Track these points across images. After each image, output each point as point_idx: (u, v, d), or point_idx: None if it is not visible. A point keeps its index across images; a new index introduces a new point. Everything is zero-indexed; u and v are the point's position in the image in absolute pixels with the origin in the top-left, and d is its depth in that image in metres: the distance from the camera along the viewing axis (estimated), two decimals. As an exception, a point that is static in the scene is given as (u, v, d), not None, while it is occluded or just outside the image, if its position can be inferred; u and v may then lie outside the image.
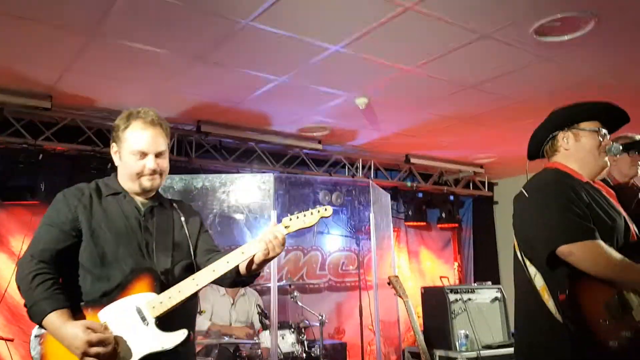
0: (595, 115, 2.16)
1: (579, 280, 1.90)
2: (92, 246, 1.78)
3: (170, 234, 1.94)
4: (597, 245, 1.87)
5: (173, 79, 4.05)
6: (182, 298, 1.76)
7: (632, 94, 4.33)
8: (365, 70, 3.94)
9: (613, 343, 1.82)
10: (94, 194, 1.88)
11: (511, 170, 7.39)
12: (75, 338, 1.59)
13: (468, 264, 7.76)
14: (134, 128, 1.91)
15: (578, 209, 1.93)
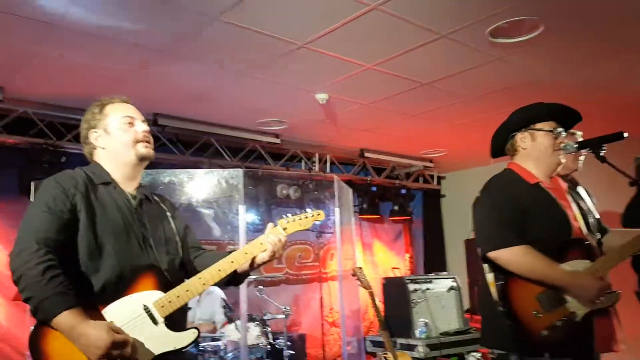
0: (549, 115, 2.32)
1: (512, 275, 2.10)
2: (90, 238, 1.69)
3: (162, 229, 1.90)
4: (519, 251, 2.07)
5: (131, 71, 3.97)
6: (190, 297, 1.74)
7: (578, 92, 4.63)
8: (328, 67, 4.01)
9: (544, 332, 2.01)
10: (87, 181, 1.78)
11: (458, 164, 7.71)
12: (99, 339, 1.51)
13: (418, 255, 8.02)
14: (113, 104, 1.92)
15: (509, 217, 2.13)
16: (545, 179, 2.29)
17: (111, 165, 1.88)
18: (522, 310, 2.07)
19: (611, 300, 2.06)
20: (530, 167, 2.30)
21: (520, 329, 2.05)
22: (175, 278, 1.82)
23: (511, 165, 2.36)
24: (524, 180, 2.26)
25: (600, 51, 3.85)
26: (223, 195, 4.07)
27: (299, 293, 6.40)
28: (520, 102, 2.50)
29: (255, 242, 1.85)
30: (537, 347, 2.03)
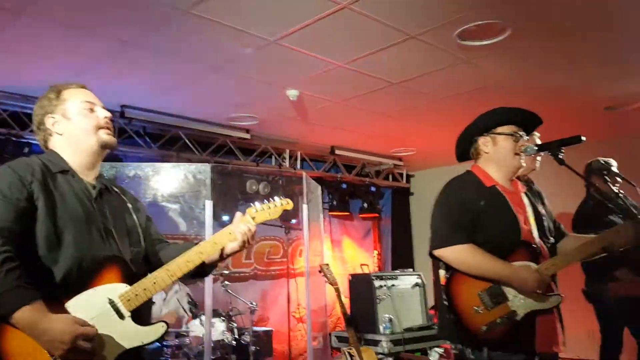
0: (510, 120, 2.39)
1: (456, 272, 2.19)
2: (49, 227, 1.60)
3: (123, 220, 1.83)
4: (463, 250, 2.16)
5: (98, 61, 3.89)
6: (157, 290, 1.68)
7: (541, 96, 4.76)
8: (299, 64, 4.02)
9: (483, 328, 2.09)
10: (44, 170, 1.69)
11: (427, 163, 7.83)
12: (63, 333, 1.44)
13: (387, 252, 8.12)
14: (70, 89, 1.84)
15: (455, 218, 2.22)
16: (505, 182, 2.36)
17: (69, 153, 1.79)
18: (463, 305, 2.15)
19: (554, 302, 2.14)
20: (492, 170, 2.37)
21: (461, 323, 2.13)
22: (139, 270, 1.75)
23: (473, 168, 2.44)
24: (481, 182, 2.33)
25: (563, 58, 3.97)
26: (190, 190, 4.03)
27: (267, 289, 6.40)
28: (487, 104, 2.56)
29: (224, 232, 1.80)
30: (476, 341, 2.10)
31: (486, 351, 2.07)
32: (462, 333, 2.13)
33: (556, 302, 2.15)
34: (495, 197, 2.30)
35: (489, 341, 2.09)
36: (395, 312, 3.94)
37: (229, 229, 1.81)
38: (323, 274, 3.66)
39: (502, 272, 2.12)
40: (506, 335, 2.09)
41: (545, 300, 2.13)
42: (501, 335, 2.09)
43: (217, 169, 4.74)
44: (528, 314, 2.11)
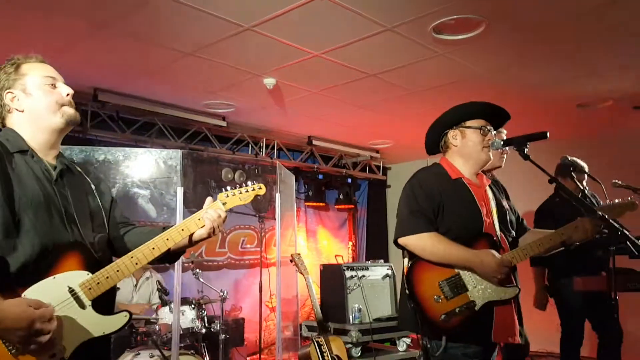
0: (479, 114, 2.42)
1: (418, 261, 2.23)
2: (6, 213, 1.51)
3: (86, 203, 1.75)
4: (426, 237, 2.20)
5: (70, 43, 3.81)
6: (121, 278, 1.63)
7: (516, 91, 4.83)
8: (275, 52, 3.99)
9: (442, 316, 2.13)
10: (2, 150, 1.59)
11: (403, 156, 7.88)
12: (17, 318, 1.37)
13: (361, 243, 8.18)
14: (30, 63, 1.75)
15: (419, 207, 2.25)
16: (471, 175, 2.40)
17: (29, 131, 1.69)
18: (424, 294, 2.19)
19: (512, 293, 2.19)
20: (459, 163, 2.41)
21: (421, 311, 2.17)
22: (103, 256, 1.70)
23: (441, 161, 2.47)
24: (446, 174, 2.37)
25: (535, 54, 4.02)
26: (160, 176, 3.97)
27: (240, 278, 6.40)
28: (461, 98, 2.58)
29: (193, 218, 1.74)
30: (436, 330, 2.15)
31: (444, 340, 2.11)
32: (422, 322, 2.17)
33: (514, 293, 2.20)
34: (460, 189, 2.34)
35: (447, 330, 2.13)
36: (365, 302, 3.98)
37: (198, 215, 1.75)
38: (294, 264, 3.67)
39: (463, 257, 2.16)
40: (464, 325, 2.13)
41: (504, 291, 2.17)
42: (459, 325, 2.13)
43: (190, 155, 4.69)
44: (486, 304, 2.16)
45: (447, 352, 2.12)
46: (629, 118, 5.51)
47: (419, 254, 2.22)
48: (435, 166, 2.45)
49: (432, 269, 2.20)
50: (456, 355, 2.12)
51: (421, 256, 2.21)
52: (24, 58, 1.76)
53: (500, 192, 2.55)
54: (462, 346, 2.13)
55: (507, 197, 2.60)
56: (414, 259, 2.24)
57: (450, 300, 2.15)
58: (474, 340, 2.15)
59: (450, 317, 2.13)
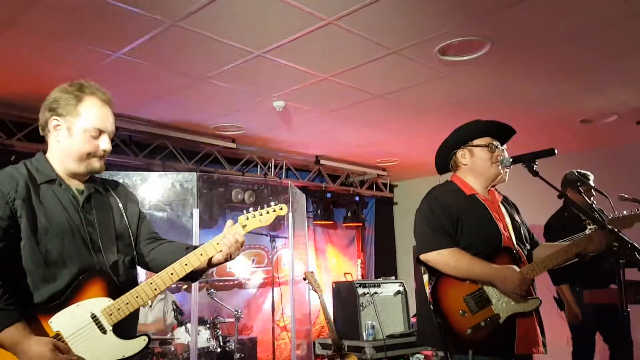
0: (485, 132, 2.51)
1: (442, 277, 2.28)
2: (34, 245, 1.60)
3: (112, 225, 1.81)
4: (448, 253, 2.26)
5: (85, 71, 3.94)
6: (140, 304, 1.69)
7: (520, 109, 4.92)
8: (285, 76, 4.11)
9: (468, 331, 2.18)
10: (29, 183, 1.67)
11: (410, 173, 7.96)
12: (41, 356, 1.48)
13: (370, 260, 8.21)
14: (92, 103, 1.79)
15: (439, 223, 2.31)
16: (483, 192, 2.48)
17: (60, 161, 1.77)
18: (449, 309, 2.24)
19: (533, 305, 2.25)
20: (470, 180, 2.48)
21: (447, 326, 2.22)
22: (125, 279, 1.77)
23: (453, 178, 2.55)
24: (461, 191, 2.44)
25: (539, 72, 4.12)
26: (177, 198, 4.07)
27: (251, 298, 6.44)
28: (467, 116, 2.67)
29: (212, 242, 1.79)
30: (461, 344, 2.19)
31: (471, 354, 2.16)
32: (448, 336, 2.21)
33: (535, 305, 2.25)
34: (476, 205, 2.41)
35: (473, 344, 2.17)
36: (378, 319, 4.02)
37: (216, 240, 1.80)
38: (308, 282, 3.72)
39: (487, 273, 2.22)
40: (489, 338, 2.18)
41: (526, 303, 2.22)
42: (485, 338, 2.18)
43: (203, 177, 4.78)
44: (510, 317, 2.21)
45: None
46: (633, 133, 5.58)
47: (441, 270, 2.27)
48: (449, 183, 2.52)
49: (457, 285, 2.25)
50: None
51: (444, 272, 2.26)
52: (92, 91, 1.82)
53: (512, 207, 2.62)
54: (487, 359, 2.17)
55: (517, 212, 2.67)
56: (438, 275, 2.28)
57: (475, 314, 2.20)
58: (499, 353, 2.20)
59: (477, 331, 2.17)
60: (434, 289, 2.28)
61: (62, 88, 1.81)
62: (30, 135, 4.63)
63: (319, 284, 3.68)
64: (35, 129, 4.60)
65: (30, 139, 4.62)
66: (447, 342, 2.22)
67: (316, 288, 3.65)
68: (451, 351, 2.23)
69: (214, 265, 1.85)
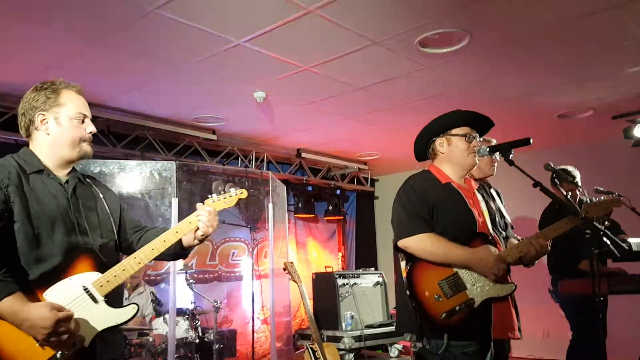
0: (464, 122, 2.54)
1: (417, 261, 2.31)
2: (27, 228, 1.73)
3: (96, 212, 1.95)
4: (425, 238, 2.29)
5: (61, 59, 3.87)
6: (127, 276, 1.83)
7: (498, 102, 4.98)
8: (266, 66, 4.09)
9: (443, 315, 2.21)
10: (19, 172, 1.80)
11: (391, 168, 8.01)
12: (43, 319, 1.58)
13: (350, 254, 8.25)
14: (69, 93, 1.92)
15: (415, 210, 2.35)
16: (459, 180, 2.51)
17: (48, 153, 1.89)
18: (424, 293, 2.26)
19: (509, 290, 2.28)
20: (447, 169, 2.52)
21: (422, 311, 2.25)
22: (110, 259, 1.89)
23: (429, 167, 2.58)
24: (436, 179, 2.48)
25: (517, 65, 4.17)
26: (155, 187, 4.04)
27: (231, 290, 6.42)
28: (446, 108, 2.69)
29: (185, 221, 1.95)
30: (437, 329, 2.22)
31: (446, 338, 2.18)
32: (423, 321, 2.24)
33: (510, 290, 2.29)
34: (451, 192, 2.44)
35: (448, 328, 2.20)
36: (357, 309, 4.04)
37: (189, 218, 1.95)
38: (287, 272, 3.73)
39: (463, 256, 2.25)
40: (464, 322, 2.21)
41: (501, 288, 2.25)
42: (460, 322, 2.21)
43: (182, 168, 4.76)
44: (484, 301, 2.24)
45: (447, 352, 2.18)
46: (609, 128, 5.70)
47: (419, 255, 2.29)
48: (425, 172, 2.55)
49: (432, 269, 2.28)
50: (456, 355, 2.19)
51: (421, 257, 2.29)
52: (65, 85, 1.94)
53: (489, 195, 2.66)
54: (461, 345, 2.19)
55: (499, 199, 2.70)
56: (414, 260, 2.31)
57: (450, 299, 2.23)
58: (474, 337, 2.22)
59: (451, 315, 2.20)
60: (409, 273, 2.31)
61: (35, 89, 1.93)
62: (6, 124, 4.54)
63: (299, 274, 3.68)
64: (10, 118, 4.52)
65: (5, 128, 4.53)
66: (422, 326, 2.25)
67: (295, 278, 3.66)
68: (427, 336, 2.25)
69: (201, 240, 2.00)
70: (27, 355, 1.61)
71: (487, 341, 2.29)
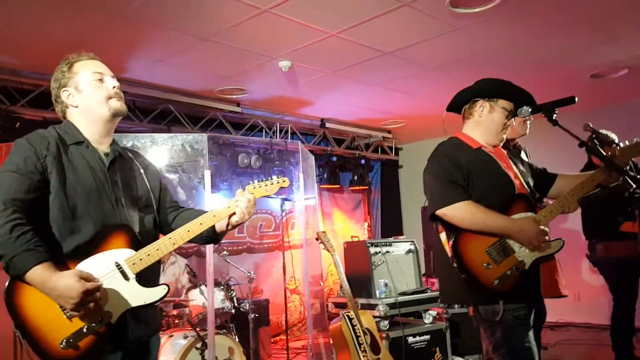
0: (513, 97, 2.44)
1: (461, 232, 2.25)
2: (62, 199, 1.71)
3: (134, 186, 1.92)
4: (464, 206, 2.22)
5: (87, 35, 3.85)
6: (160, 256, 1.80)
7: (531, 65, 4.82)
8: (291, 33, 4.02)
9: (496, 281, 2.17)
10: (59, 143, 1.78)
11: (415, 136, 7.91)
12: (70, 288, 1.56)
13: (376, 223, 8.24)
14: (82, 61, 1.91)
15: (451, 177, 2.27)
16: (487, 146, 2.43)
17: (84, 124, 1.87)
18: (473, 262, 2.21)
19: (557, 247, 2.22)
20: (477, 135, 2.44)
21: (474, 280, 2.20)
22: (146, 236, 1.86)
23: (456, 134, 2.50)
24: (467, 145, 2.40)
25: (550, 25, 4.02)
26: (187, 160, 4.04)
27: (260, 261, 6.49)
28: (475, 74, 2.60)
29: (224, 206, 1.91)
30: (490, 296, 2.18)
31: (501, 303, 2.15)
32: (476, 291, 2.19)
33: (559, 246, 2.23)
34: (483, 157, 2.37)
35: (502, 293, 2.16)
36: (390, 277, 4.04)
37: (228, 204, 1.91)
38: (320, 241, 3.72)
39: (504, 225, 2.19)
40: (517, 285, 2.17)
41: (549, 246, 2.20)
42: (512, 286, 2.17)
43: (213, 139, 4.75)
44: (534, 262, 2.20)
45: (501, 317, 2.15)
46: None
47: (457, 224, 2.24)
48: (454, 139, 2.47)
49: (477, 238, 2.22)
50: (508, 319, 2.16)
51: (460, 226, 2.23)
52: (77, 56, 1.92)
53: (518, 158, 2.58)
54: (512, 309, 2.16)
55: (522, 162, 2.62)
56: (458, 232, 2.25)
57: (500, 264, 2.18)
58: (527, 298, 2.19)
59: (504, 281, 2.16)
60: (455, 245, 2.24)
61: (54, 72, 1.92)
62: (34, 102, 4.57)
63: (332, 244, 3.68)
64: (38, 95, 4.55)
65: (33, 105, 4.56)
66: (473, 295, 2.21)
67: (329, 248, 3.65)
68: (479, 303, 2.22)
69: (234, 226, 1.96)
70: (53, 326, 1.61)
71: (536, 302, 2.25)
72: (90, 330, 1.63)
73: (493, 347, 2.26)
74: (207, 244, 2.15)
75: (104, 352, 1.68)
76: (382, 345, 3.56)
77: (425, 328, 4.00)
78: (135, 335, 1.77)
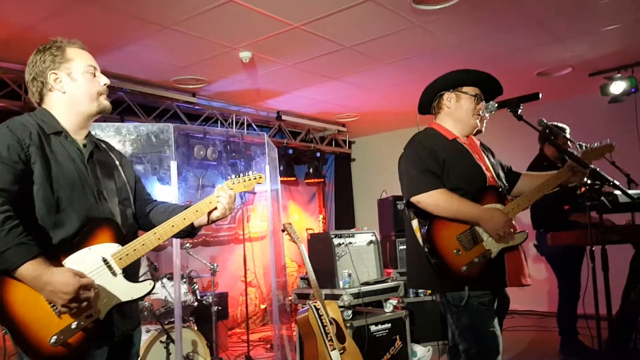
0: (476, 82, 2.55)
1: (434, 219, 2.35)
2: (47, 190, 1.65)
3: (113, 178, 1.90)
4: (438, 194, 2.32)
5: (38, 19, 3.65)
6: (146, 251, 1.79)
7: (482, 61, 5.01)
8: (254, 24, 3.98)
9: (464, 268, 2.27)
10: (40, 132, 1.72)
11: (368, 129, 8.03)
12: (66, 284, 1.52)
13: (330, 216, 8.32)
14: (74, 49, 1.85)
15: (427, 166, 2.37)
16: (462, 137, 2.53)
17: (65, 113, 1.80)
18: (445, 249, 2.31)
19: (521, 239, 2.36)
20: (450, 125, 2.54)
21: (444, 266, 2.30)
22: (129, 230, 1.85)
23: (432, 125, 2.59)
24: (442, 136, 2.50)
25: (504, 24, 4.19)
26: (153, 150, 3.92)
27: (216, 254, 6.41)
28: (433, 69, 2.69)
29: (205, 201, 1.92)
30: (457, 282, 2.29)
31: (467, 289, 2.25)
32: (445, 276, 2.29)
33: (522, 238, 2.36)
34: (458, 148, 2.47)
35: (469, 280, 2.27)
36: (354, 267, 4.11)
37: (210, 199, 1.92)
38: (287, 233, 3.73)
39: (475, 212, 2.30)
40: (483, 273, 2.29)
41: (513, 238, 2.32)
42: (478, 273, 2.28)
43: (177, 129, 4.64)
44: (500, 251, 2.32)
45: (467, 303, 2.26)
46: (586, 85, 5.84)
47: (431, 211, 2.32)
48: (429, 129, 2.56)
49: (450, 226, 2.32)
50: (474, 305, 2.27)
51: (433, 213, 2.32)
52: (68, 42, 1.85)
53: (487, 150, 2.70)
54: (478, 295, 2.27)
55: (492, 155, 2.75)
56: (432, 218, 2.34)
57: (469, 252, 2.29)
58: (491, 287, 2.31)
59: (471, 267, 2.26)
60: (429, 231, 2.34)
61: (38, 51, 1.83)
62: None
63: (298, 235, 3.70)
64: None
65: None
66: (443, 281, 2.30)
67: (295, 239, 3.67)
68: (447, 289, 2.31)
69: (214, 221, 1.97)
70: (42, 323, 1.56)
71: (500, 290, 2.37)
72: (80, 327, 1.60)
73: (459, 332, 2.37)
74: (184, 237, 2.13)
75: (92, 348, 1.65)
76: (347, 334, 3.62)
77: (387, 317, 4.11)
78: (121, 330, 1.76)
